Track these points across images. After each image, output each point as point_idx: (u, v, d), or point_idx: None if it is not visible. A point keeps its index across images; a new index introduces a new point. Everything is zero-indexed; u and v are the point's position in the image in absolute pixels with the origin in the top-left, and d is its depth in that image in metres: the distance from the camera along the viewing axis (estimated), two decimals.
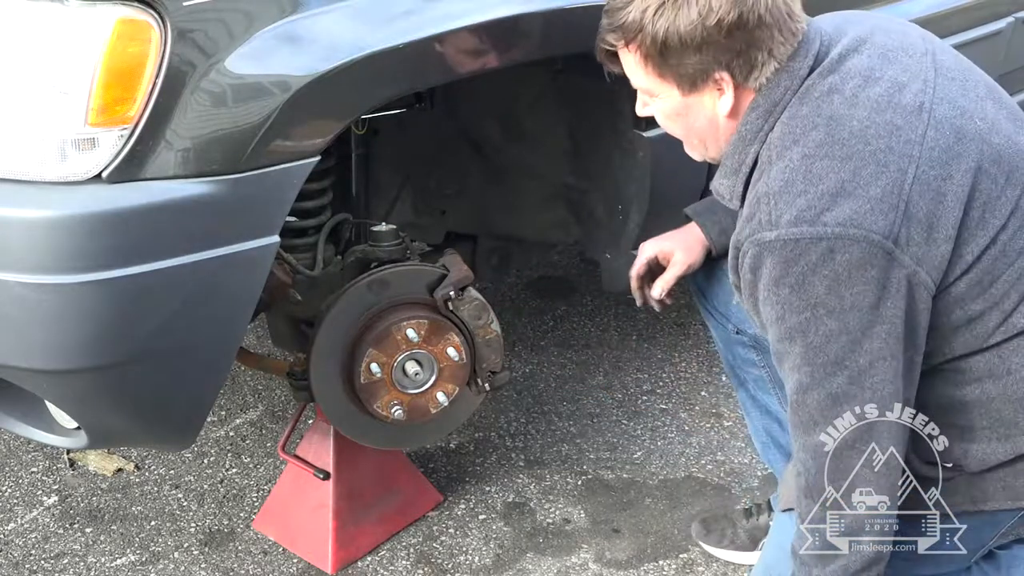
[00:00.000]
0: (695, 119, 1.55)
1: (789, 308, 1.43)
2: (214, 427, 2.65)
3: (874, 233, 1.38)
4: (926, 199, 1.41)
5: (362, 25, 1.60)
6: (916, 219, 1.40)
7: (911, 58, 1.51)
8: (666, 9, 1.44)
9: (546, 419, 2.69)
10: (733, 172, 1.54)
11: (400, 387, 2.02)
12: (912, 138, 1.42)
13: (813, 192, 1.40)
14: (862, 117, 1.43)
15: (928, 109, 1.45)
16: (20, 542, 2.27)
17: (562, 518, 2.35)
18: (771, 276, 1.43)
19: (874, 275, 1.39)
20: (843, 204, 1.39)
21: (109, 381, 1.60)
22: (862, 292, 1.40)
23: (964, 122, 1.47)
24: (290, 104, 1.52)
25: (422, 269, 2.02)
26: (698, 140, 1.60)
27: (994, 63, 3.09)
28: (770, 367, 2.03)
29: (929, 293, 1.44)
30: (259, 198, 1.56)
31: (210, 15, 1.49)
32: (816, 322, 1.42)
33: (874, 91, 1.45)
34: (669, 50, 1.46)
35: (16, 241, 1.46)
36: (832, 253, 1.38)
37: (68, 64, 1.44)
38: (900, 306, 1.42)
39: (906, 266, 1.40)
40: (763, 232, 1.43)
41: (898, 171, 1.40)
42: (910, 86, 1.47)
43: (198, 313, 1.58)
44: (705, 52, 1.45)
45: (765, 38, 1.45)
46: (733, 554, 2.21)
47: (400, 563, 2.21)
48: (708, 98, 1.51)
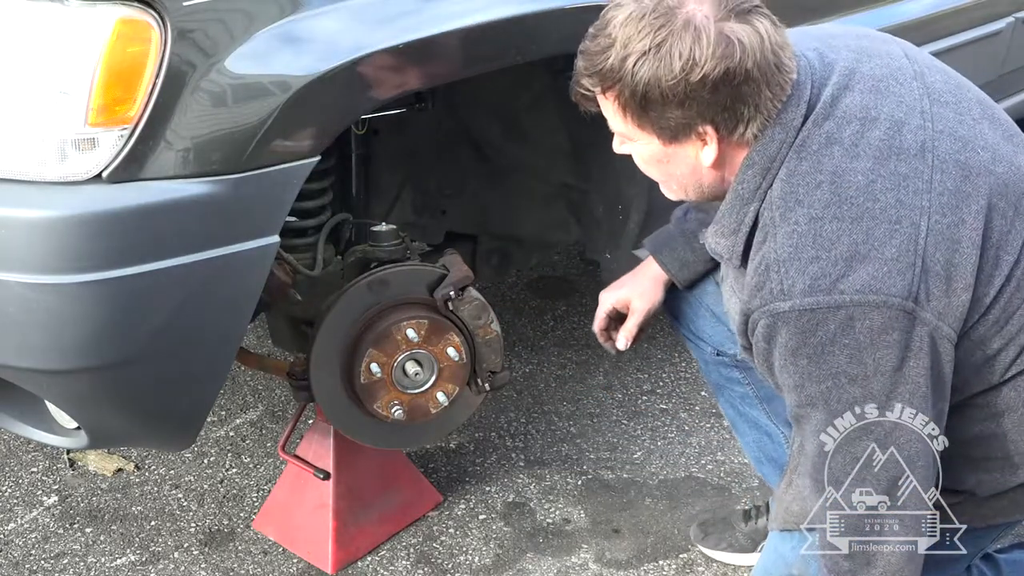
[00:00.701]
0: (676, 167, 1.47)
1: (808, 378, 1.39)
2: (214, 427, 2.65)
3: (894, 296, 1.33)
4: (942, 250, 1.36)
5: (362, 25, 1.60)
6: (934, 272, 1.35)
7: (902, 86, 1.45)
8: (647, 60, 1.33)
9: (546, 419, 2.69)
10: (732, 232, 1.46)
11: (400, 387, 2.02)
12: (920, 187, 1.37)
13: (826, 258, 1.34)
14: (866, 170, 1.37)
15: (931, 149, 1.40)
16: (20, 542, 2.27)
17: (562, 518, 2.35)
18: (787, 347, 1.38)
19: (896, 338, 1.35)
20: (859, 269, 1.33)
21: (109, 381, 1.60)
22: (885, 356, 1.35)
23: (968, 156, 1.42)
24: (290, 104, 1.52)
25: (422, 269, 2.02)
26: (677, 186, 1.52)
27: (994, 63, 3.10)
28: (755, 383, 2.02)
29: (952, 344, 1.40)
30: (259, 198, 1.56)
31: (210, 15, 1.49)
32: (838, 391, 1.38)
33: (874, 136, 1.39)
34: (649, 102, 1.36)
35: (16, 241, 1.46)
36: (852, 321, 1.33)
37: (68, 64, 1.44)
38: (924, 364, 1.37)
39: (928, 323, 1.36)
40: (775, 303, 1.37)
41: (911, 226, 1.35)
42: (908, 123, 1.41)
43: (198, 313, 1.58)
44: (688, 107, 1.35)
45: (752, 93, 1.36)
46: (732, 556, 2.21)
47: (400, 563, 2.21)
48: (691, 148, 1.43)
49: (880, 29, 2.60)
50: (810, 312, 1.34)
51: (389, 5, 1.64)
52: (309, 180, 1.63)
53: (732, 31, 1.32)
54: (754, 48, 1.33)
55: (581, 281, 3.33)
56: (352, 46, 1.57)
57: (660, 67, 1.33)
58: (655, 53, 1.33)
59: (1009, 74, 3.19)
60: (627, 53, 1.35)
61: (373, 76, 1.62)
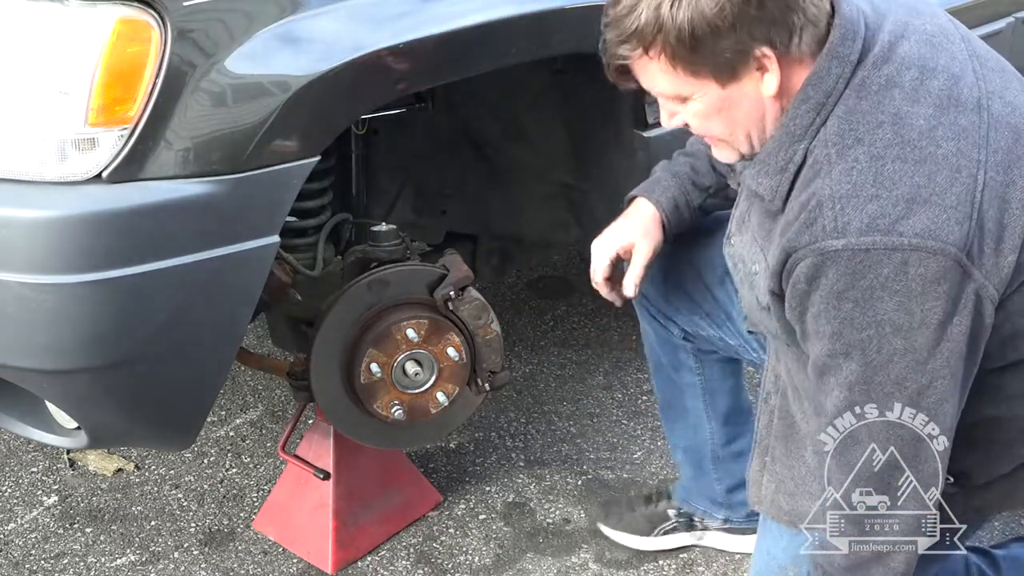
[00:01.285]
0: (738, 111, 1.39)
1: (851, 324, 1.33)
2: (214, 427, 2.65)
3: (950, 245, 1.29)
4: (994, 207, 1.33)
5: (362, 25, 1.60)
6: (987, 229, 1.32)
7: (953, 44, 1.41)
8: (682, 0, 1.29)
9: (546, 419, 2.69)
10: (779, 171, 1.39)
11: (400, 387, 2.02)
12: (978, 140, 1.34)
13: (886, 197, 1.29)
14: (927, 115, 1.33)
15: (986, 106, 1.37)
16: (20, 542, 2.27)
17: (562, 518, 2.35)
18: (833, 289, 1.32)
19: (946, 290, 1.31)
20: (919, 212, 1.29)
21: (109, 381, 1.60)
22: (933, 308, 1.31)
23: (1017, 120, 1.39)
24: (290, 104, 1.52)
25: (422, 269, 2.02)
26: (743, 135, 1.43)
27: None
28: (705, 376, 2.04)
29: (994, 306, 1.37)
30: (259, 198, 1.56)
31: (210, 15, 1.49)
32: (880, 340, 1.33)
33: (934, 85, 1.35)
34: (699, 41, 1.30)
35: (16, 241, 1.46)
36: (906, 266, 1.29)
37: (68, 64, 1.44)
38: (967, 323, 1.34)
39: (976, 280, 1.33)
40: (827, 240, 1.31)
41: (969, 177, 1.32)
42: (964, 78, 1.38)
43: (198, 313, 1.58)
44: (740, 31, 1.29)
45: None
46: (628, 537, 2.23)
47: (400, 563, 2.21)
48: (749, 83, 1.36)
49: None
50: (864, 252, 1.29)
51: (389, 5, 1.64)
52: (309, 180, 1.63)
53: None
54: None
55: (581, 281, 3.32)
56: (352, 46, 1.57)
57: (699, 1, 1.29)
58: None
59: None
60: (659, 2, 1.30)
61: (373, 76, 1.62)
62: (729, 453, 2.11)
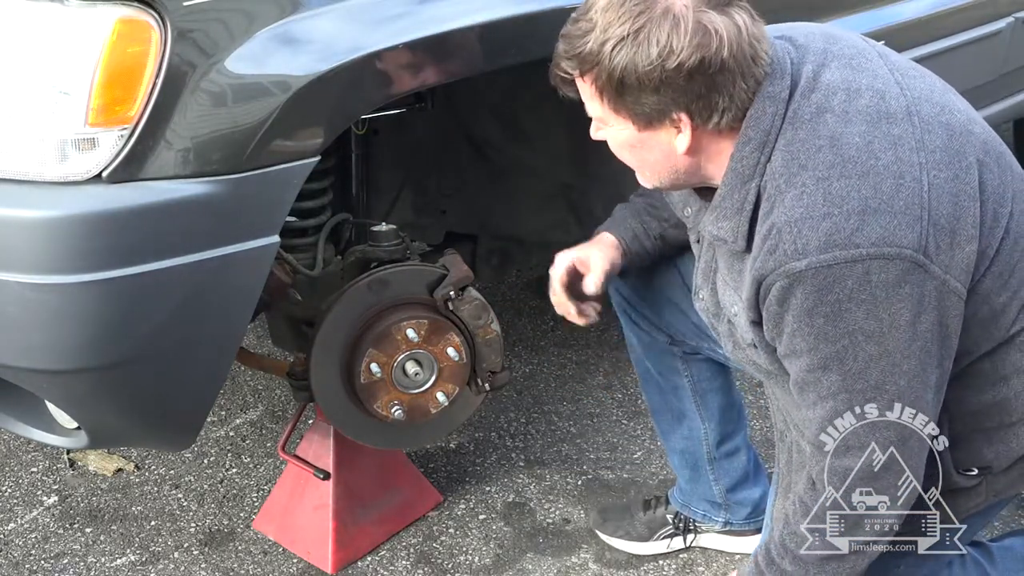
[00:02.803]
0: (649, 153, 1.49)
1: (824, 338, 1.39)
2: (214, 427, 2.65)
3: (906, 248, 1.34)
4: (944, 203, 1.38)
5: (362, 25, 1.60)
6: (939, 226, 1.37)
7: (871, 63, 1.48)
8: (625, 45, 1.36)
9: (546, 419, 2.69)
10: (736, 212, 1.45)
11: (400, 387, 2.02)
12: (913, 145, 1.40)
13: (838, 213, 1.35)
14: (862, 132, 1.39)
15: (915, 112, 1.43)
16: (20, 542, 2.27)
17: (562, 518, 2.35)
18: (803, 307, 1.38)
19: (908, 291, 1.36)
20: (872, 222, 1.34)
21: (109, 381, 1.60)
22: (899, 310, 1.37)
23: (948, 117, 1.45)
24: (290, 104, 1.52)
25: (422, 269, 2.02)
26: (651, 172, 1.54)
27: (994, 63, 3.09)
28: (694, 378, 2.06)
29: (960, 299, 1.42)
30: (259, 198, 1.56)
31: (210, 15, 1.49)
32: (855, 349, 1.38)
33: (861, 103, 1.42)
34: (625, 88, 1.39)
35: (16, 241, 1.46)
36: (868, 275, 1.34)
37: (68, 64, 1.44)
38: (933, 319, 1.39)
39: (936, 276, 1.37)
40: (791, 263, 1.36)
41: (914, 180, 1.37)
42: (888, 92, 1.44)
43: (198, 313, 1.58)
44: (663, 94, 1.38)
45: (727, 83, 1.38)
46: (627, 544, 2.24)
47: (400, 563, 2.21)
48: (664, 134, 1.45)
49: (880, 29, 2.62)
50: (827, 268, 1.35)
51: (388, 5, 1.64)
52: (309, 180, 1.63)
53: (710, 21, 1.35)
54: (731, 39, 1.35)
55: None
56: (351, 46, 1.57)
57: (638, 53, 1.36)
58: (633, 39, 1.36)
59: (1009, 74, 3.19)
60: (606, 38, 1.37)
61: (373, 76, 1.62)
62: (724, 452, 2.12)
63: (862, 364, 1.39)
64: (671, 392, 2.09)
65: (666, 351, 2.04)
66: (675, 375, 2.06)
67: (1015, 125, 4.00)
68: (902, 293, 1.36)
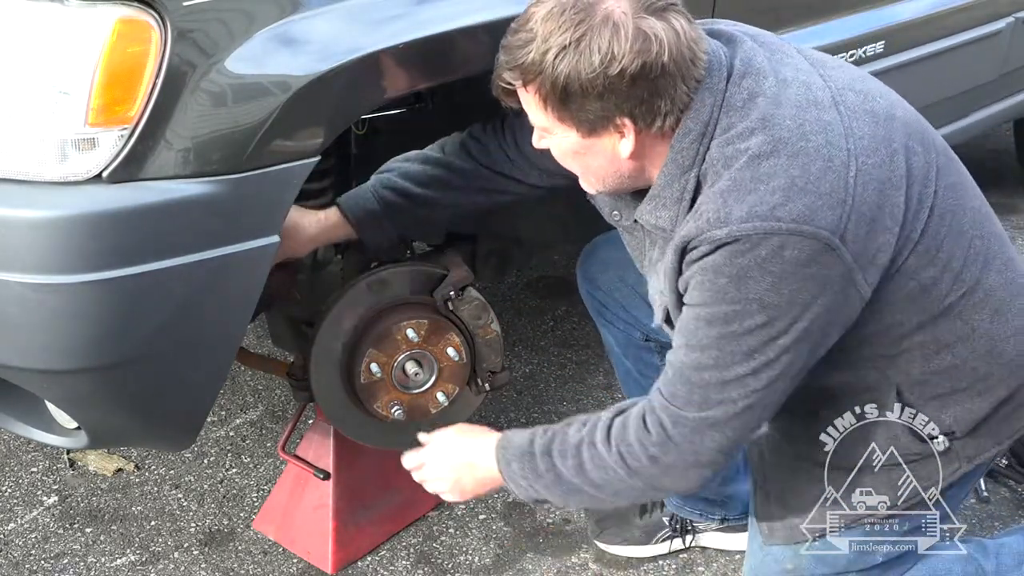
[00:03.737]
0: (593, 159, 1.52)
1: (722, 297, 1.42)
2: (214, 427, 2.65)
3: (823, 229, 1.38)
4: (869, 192, 1.41)
5: (361, 25, 1.60)
6: (860, 213, 1.40)
7: (793, 58, 1.52)
8: (567, 54, 1.38)
9: (546, 419, 2.69)
10: (675, 201, 1.48)
11: (400, 387, 2.02)
12: (841, 132, 1.43)
13: (764, 189, 1.38)
14: (792, 115, 1.42)
15: (840, 102, 1.46)
16: (20, 542, 2.27)
17: (562, 518, 2.35)
18: (712, 265, 1.41)
19: (815, 272, 1.39)
20: (796, 200, 1.37)
21: (109, 381, 1.60)
22: (801, 289, 1.40)
23: (872, 105, 1.48)
24: (290, 104, 1.51)
25: (422, 269, 2.02)
26: (595, 178, 1.56)
27: (994, 63, 3.10)
28: None
29: (860, 296, 1.45)
30: (259, 198, 1.56)
31: (210, 15, 1.49)
32: (745, 315, 1.41)
33: (790, 91, 1.45)
34: (569, 96, 1.42)
35: (16, 241, 1.46)
36: (782, 249, 1.37)
37: (68, 64, 1.44)
38: (828, 304, 1.42)
39: (846, 263, 1.41)
40: (712, 230, 1.40)
41: (842, 165, 1.40)
42: (813, 83, 1.47)
43: (198, 313, 1.58)
44: (607, 100, 1.41)
45: (668, 86, 1.41)
46: (627, 549, 2.24)
47: (400, 563, 2.21)
48: (608, 140, 1.48)
49: (880, 29, 2.62)
50: (745, 237, 1.38)
51: (388, 5, 1.64)
52: (309, 180, 1.63)
53: (650, 27, 1.38)
54: (671, 43, 1.39)
55: None
56: (352, 46, 1.57)
57: (580, 61, 1.38)
58: (575, 48, 1.38)
59: (1009, 74, 3.19)
60: (547, 47, 1.40)
61: (373, 76, 1.62)
62: None
63: (744, 330, 1.42)
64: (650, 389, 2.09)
65: (643, 347, 2.05)
66: (655, 372, 2.04)
67: (1015, 125, 3.99)
68: (808, 273, 1.39)
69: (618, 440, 1.53)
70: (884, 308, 1.49)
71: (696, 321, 1.45)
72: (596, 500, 1.60)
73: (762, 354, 1.43)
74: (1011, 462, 2.42)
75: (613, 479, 1.54)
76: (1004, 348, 1.56)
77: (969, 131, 3.19)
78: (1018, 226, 3.78)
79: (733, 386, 1.44)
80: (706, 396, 1.46)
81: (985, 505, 2.35)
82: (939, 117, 3.00)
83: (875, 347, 1.53)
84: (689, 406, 1.47)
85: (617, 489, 1.55)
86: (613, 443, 1.53)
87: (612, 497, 1.59)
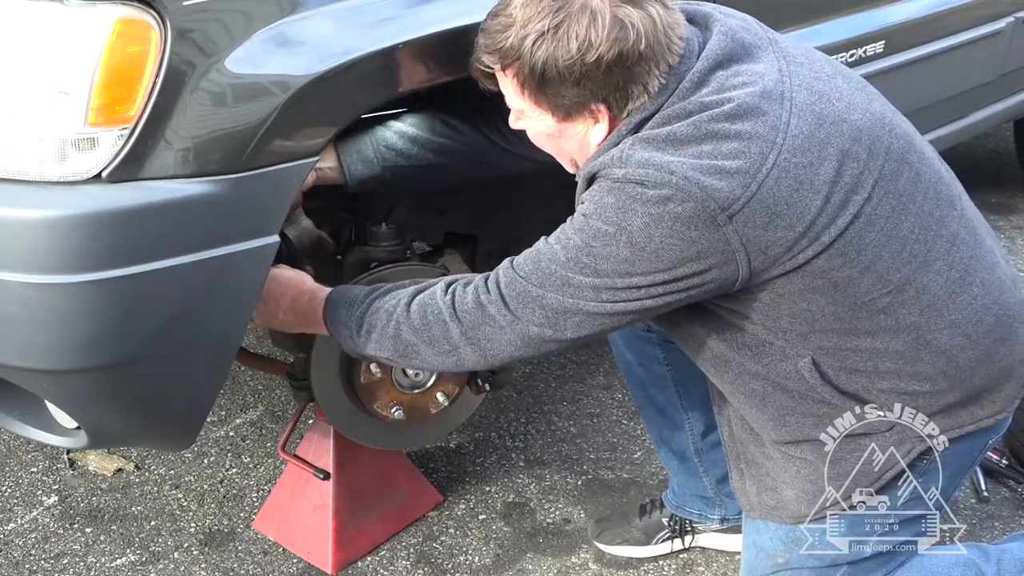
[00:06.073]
0: (566, 143, 1.57)
1: (601, 213, 1.44)
2: (214, 427, 2.65)
3: (713, 200, 1.38)
4: (782, 186, 1.41)
5: (361, 25, 1.60)
6: (763, 203, 1.40)
7: (760, 50, 1.53)
8: (545, 40, 1.42)
9: (546, 419, 2.69)
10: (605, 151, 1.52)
11: (400, 387, 2.02)
12: (777, 125, 1.43)
13: (671, 150, 1.41)
14: (731, 102, 1.44)
15: (790, 98, 1.47)
16: (20, 542, 2.27)
17: (562, 518, 2.35)
18: (607, 186, 1.44)
19: (693, 237, 1.40)
20: (697, 166, 1.39)
21: (109, 381, 1.60)
22: (671, 246, 1.41)
23: (823, 107, 1.48)
24: (290, 104, 1.51)
25: (421, 269, 2.02)
26: (568, 160, 1.61)
27: (994, 63, 3.09)
28: (674, 366, 2.06)
29: (738, 268, 1.44)
30: (259, 198, 1.56)
31: (210, 15, 1.49)
32: (613, 241, 1.43)
33: (738, 80, 1.46)
34: (546, 81, 1.45)
35: (16, 241, 1.46)
36: (667, 201, 1.39)
37: (68, 64, 1.44)
38: (692, 272, 1.44)
39: (730, 242, 1.41)
40: (612, 168, 1.43)
41: (759, 153, 1.41)
42: (768, 75, 1.48)
43: (198, 313, 1.58)
44: (583, 86, 1.45)
45: (643, 73, 1.44)
46: (627, 549, 2.24)
47: (400, 563, 2.21)
48: (581, 125, 1.52)
49: (880, 29, 2.61)
50: (637, 179, 1.40)
51: (387, 5, 1.64)
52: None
53: (627, 15, 1.41)
54: (647, 31, 1.41)
55: None
56: (351, 46, 1.57)
57: (557, 48, 1.42)
58: (553, 34, 1.42)
59: (1009, 74, 3.19)
60: (526, 33, 1.43)
61: (372, 76, 1.62)
62: (710, 443, 2.12)
63: (603, 255, 1.44)
64: (653, 384, 2.10)
65: (644, 339, 2.05)
66: (656, 364, 2.07)
67: (1015, 125, 3.99)
68: (684, 234, 1.40)
69: (455, 288, 1.58)
70: (786, 297, 1.49)
71: (571, 221, 1.49)
72: (407, 350, 1.60)
73: (604, 286, 1.45)
74: (1011, 462, 2.42)
75: (434, 322, 1.56)
76: (935, 338, 1.54)
77: (969, 131, 3.19)
78: (1018, 226, 3.77)
79: (571, 292, 1.47)
80: (544, 280, 1.49)
81: (985, 505, 2.35)
82: (939, 117, 3.00)
83: (790, 321, 1.53)
84: (528, 280, 1.51)
85: (432, 335, 1.57)
86: (450, 290, 1.58)
87: (425, 347, 1.59)
